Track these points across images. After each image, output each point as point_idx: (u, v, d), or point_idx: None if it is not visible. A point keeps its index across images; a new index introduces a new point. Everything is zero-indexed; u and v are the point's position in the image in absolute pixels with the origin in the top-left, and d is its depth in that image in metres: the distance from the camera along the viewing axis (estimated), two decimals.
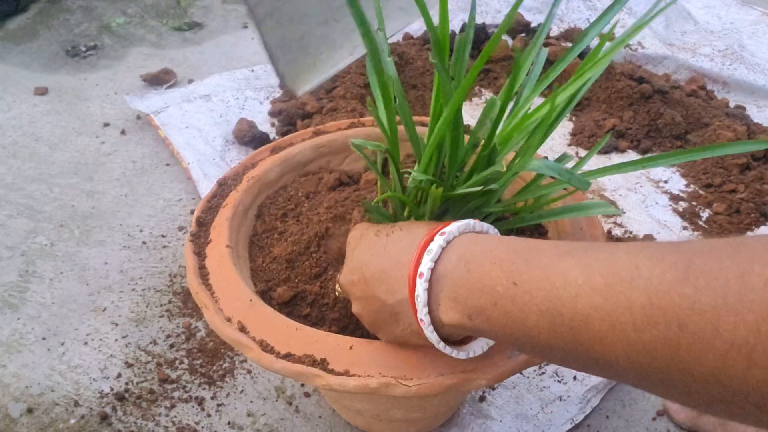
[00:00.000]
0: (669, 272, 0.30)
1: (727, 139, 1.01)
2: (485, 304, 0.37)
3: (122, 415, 0.68)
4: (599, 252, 0.34)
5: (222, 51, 1.33)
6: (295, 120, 1.07)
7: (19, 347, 0.75)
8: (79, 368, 0.73)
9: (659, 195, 0.96)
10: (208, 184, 0.94)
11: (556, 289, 0.34)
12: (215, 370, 0.72)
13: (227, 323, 0.49)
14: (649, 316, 0.29)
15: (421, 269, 0.40)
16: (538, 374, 0.71)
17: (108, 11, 1.45)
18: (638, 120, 1.07)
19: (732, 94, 1.19)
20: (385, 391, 0.44)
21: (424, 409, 0.60)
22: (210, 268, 0.54)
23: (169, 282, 0.83)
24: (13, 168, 1.02)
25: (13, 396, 0.70)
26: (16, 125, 1.11)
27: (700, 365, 0.28)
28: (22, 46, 1.34)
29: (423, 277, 0.40)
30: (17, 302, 0.80)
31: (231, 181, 0.62)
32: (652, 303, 0.30)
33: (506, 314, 0.36)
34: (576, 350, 0.33)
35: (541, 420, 0.67)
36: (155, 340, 0.75)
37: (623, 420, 0.69)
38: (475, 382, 0.45)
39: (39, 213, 0.94)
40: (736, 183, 0.96)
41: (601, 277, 0.32)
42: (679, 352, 0.28)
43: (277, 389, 0.70)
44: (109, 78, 1.24)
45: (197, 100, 1.14)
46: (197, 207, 0.60)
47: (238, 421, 0.67)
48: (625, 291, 0.31)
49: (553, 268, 0.35)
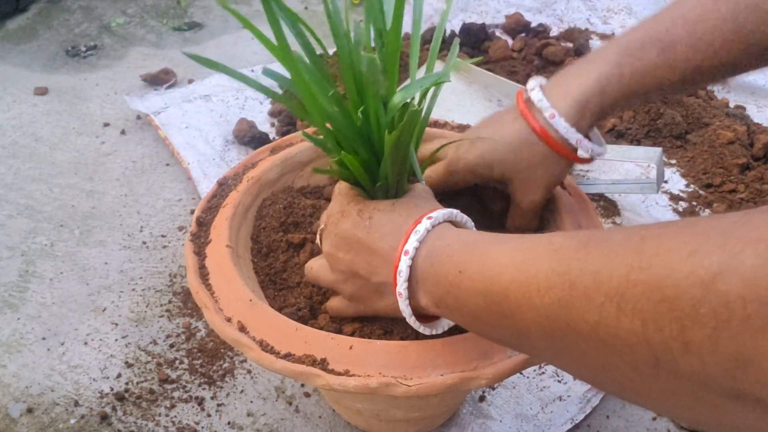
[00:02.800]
0: (573, 242, 0.33)
1: (727, 139, 1.01)
2: (442, 293, 0.42)
3: (122, 415, 0.68)
4: (531, 238, 0.37)
5: (222, 51, 1.33)
6: (295, 120, 1.07)
7: (19, 347, 0.75)
8: (79, 368, 0.73)
9: (659, 195, 0.96)
10: (208, 184, 0.94)
11: (488, 270, 0.38)
12: (215, 370, 0.72)
13: (227, 323, 0.49)
14: (549, 281, 0.33)
15: (407, 247, 0.44)
16: (538, 374, 0.72)
17: (108, 11, 1.45)
18: (638, 120, 1.07)
19: (732, 94, 1.19)
20: (385, 390, 0.45)
21: (424, 408, 0.60)
22: (210, 268, 0.54)
23: (169, 282, 0.83)
24: (13, 168, 1.02)
25: (13, 396, 0.70)
26: (16, 125, 1.11)
27: (584, 321, 0.30)
28: (22, 46, 1.34)
29: (408, 254, 0.43)
30: (17, 302, 0.80)
31: (231, 181, 0.62)
32: (552, 269, 0.33)
33: (457, 300, 0.41)
34: (504, 324, 0.37)
35: (541, 420, 0.67)
36: (155, 340, 0.75)
37: (623, 420, 0.69)
38: (475, 382, 0.45)
39: (39, 213, 0.94)
40: (736, 183, 0.96)
41: (521, 255, 0.36)
42: (570, 311, 0.31)
43: (277, 389, 0.71)
44: (109, 78, 1.24)
45: (197, 100, 1.14)
46: (197, 207, 0.60)
47: (238, 421, 0.68)
48: (536, 263, 0.34)
49: (488, 253, 0.39)
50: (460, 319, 0.43)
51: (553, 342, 0.34)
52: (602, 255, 0.31)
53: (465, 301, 0.40)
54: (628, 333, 0.28)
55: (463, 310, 0.41)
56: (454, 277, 0.40)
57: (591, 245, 0.32)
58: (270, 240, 0.59)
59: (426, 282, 0.44)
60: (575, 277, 0.31)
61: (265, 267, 0.58)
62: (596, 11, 1.41)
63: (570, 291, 0.31)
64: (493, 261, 0.38)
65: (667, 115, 1.05)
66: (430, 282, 0.43)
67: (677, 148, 1.04)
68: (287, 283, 0.57)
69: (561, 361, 0.36)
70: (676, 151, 1.04)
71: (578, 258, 0.32)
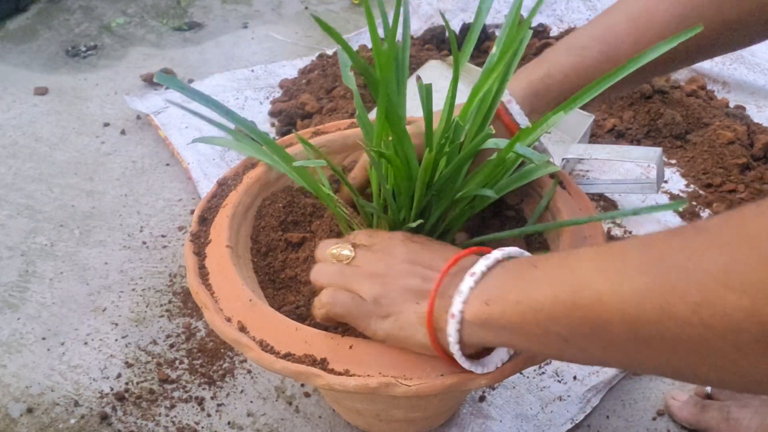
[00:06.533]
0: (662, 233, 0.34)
1: (727, 139, 1.01)
2: (505, 284, 0.40)
3: (122, 415, 0.68)
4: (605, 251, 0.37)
5: (222, 51, 1.33)
6: (295, 120, 1.07)
7: (19, 347, 0.75)
8: (79, 368, 0.73)
9: (659, 195, 0.96)
10: (208, 184, 0.94)
11: (566, 259, 0.38)
12: (215, 370, 0.72)
13: (227, 323, 0.49)
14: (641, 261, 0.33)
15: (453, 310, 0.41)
16: (538, 374, 0.72)
17: (108, 11, 1.45)
18: (638, 120, 1.07)
19: (732, 94, 1.19)
20: (385, 390, 0.45)
21: (424, 408, 0.60)
22: (210, 268, 0.54)
23: (169, 282, 0.83)
24: (13, 168, 1.02)
25: (13, 396, 0.70)
26: (16, 125, 1.11)
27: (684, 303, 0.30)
28: (22, 46, 1.34)
29: (455, 318, 0.41)
30: (17, 302, 0.80)
31: (231, 181, 0.62)
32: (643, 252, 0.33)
33: (523, 293, 0.39)
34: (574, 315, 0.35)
35: (541, 420, 0.67)
36: (155, 340, 0.75)
37: (623, 420, 0.69)
38: (475, 382, 0.45)
39: (39, 213, 0.94)
40: (736, 183, 0.96)
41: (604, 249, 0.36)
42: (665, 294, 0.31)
43: (277, 389, 0.71)
44: (109, 78, 1.24)
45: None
46: (197, 207, 0.60)
47: (238, 421, 0.68)
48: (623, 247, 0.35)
49: (568, 258, 0.38)
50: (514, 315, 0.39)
51: (637, 334, 0.32)
52: (701, 236, 0.30)
53: (530, 290, 0.38)
54: (734, 310, 0.27)
55: (524, 303, 0.38)
56: (527, 270, 0.39)
57: (689, 232, 0.31)
58: (269, 239, 0.59)
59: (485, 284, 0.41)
60: (669, 256, 0.30)
61: (265, 266, 0.58)
62: (596, 11, 1.41)
63: (665, 272, 0.30)
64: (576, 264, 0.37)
65: (667, 115, 1.05)
66: (491, 282, 0.41)
67: (677, 148, 1.04)
68: (286, 282, 0.57)
69: (641, 354, 0.33)
70: (676, 151, 1.04)
71: (671, 244, 0.31)
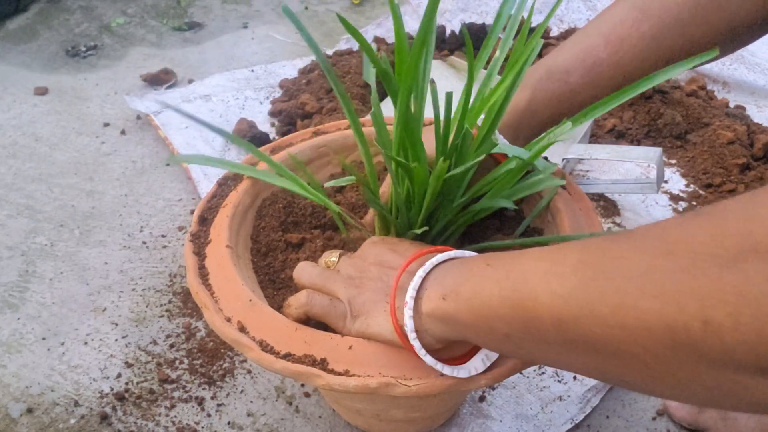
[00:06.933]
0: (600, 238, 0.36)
1: (727, 139, 1.01)
2: (459, 281, 0.41)
3: (122, 415, 0.68)
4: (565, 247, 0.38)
5: (222, 51, 1.33)
6: (295, 120, 1.07)
7: (19, 347, 0.75)
8: (79, 368, 0.73)
9: (659, 195, 0.96)
10: (208, 184, 0.94)
11: (513, 258, 0.39)
12: (215, 370, 0.72)
13: (227, 323, 0.49)
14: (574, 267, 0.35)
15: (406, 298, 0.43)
16: (538, 374, 0.72)
17: (108, 11, 1.46)
18: (638, 120, 1.07)
19: (732, 94, 1.19)
20: (385, 390, 0.45)
21: (424, 409, 0.60)
22: (210, 268, 0.54)
23: (169, 282, 0.83)
24: (13, 168, 1.02)
25: (13, 396, 0.70)
26: (16, 125, 1.11)
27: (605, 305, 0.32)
28: (22, 46, 1.34)
29: (408, 305, 0.43)
30: (17, 302, 0.80)
31: (231, 181, 0.62)
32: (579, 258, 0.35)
33: (473, 290, 0.40)
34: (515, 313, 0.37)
35: (541, 420, 0.67)
36: (155, 340, 0.75)
37: (623, 420, 0.69)
38: (475, 382, 0.45)
39: (39, 213, 0.94)
40: (736, 183, 0.96)
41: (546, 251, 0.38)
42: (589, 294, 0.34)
43: (277, 389, 0.71)
44: (109, 78, 1.24)
45: (197, 100, 1.14)
46: (197, 207, 0.60)
47: (238, 421, 0.68)
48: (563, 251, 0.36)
49: (517, 258, 0.39)
50: (468, 312, 0.41)
51: (565, 334, 0.34)
52: (627, 243, 0.32)
53: (481, 288, 0.39)
54: (647, 314, 0.29)
55: (475, 300, 0.40)
56: (480, 269, 0.41)
57: (619, 238, 0.33)
58: (269, 239, 0.59)
59: (443, 278, 0.43)
60: (599, 260, 0.33)
61: (265, 266, 0.58)
62: (596, 11, 1.41)
63: (592, 275, 0.33)
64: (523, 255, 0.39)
65: (667, 115, 1.05)
66: (449, 277, 0.43)
67: (677, 148, 1.04)
68: (286, 282, 0.57)
69: (570, 354, 0.35)
70: (676, 151, 1.04)
71: (603, 247, 0.34)
